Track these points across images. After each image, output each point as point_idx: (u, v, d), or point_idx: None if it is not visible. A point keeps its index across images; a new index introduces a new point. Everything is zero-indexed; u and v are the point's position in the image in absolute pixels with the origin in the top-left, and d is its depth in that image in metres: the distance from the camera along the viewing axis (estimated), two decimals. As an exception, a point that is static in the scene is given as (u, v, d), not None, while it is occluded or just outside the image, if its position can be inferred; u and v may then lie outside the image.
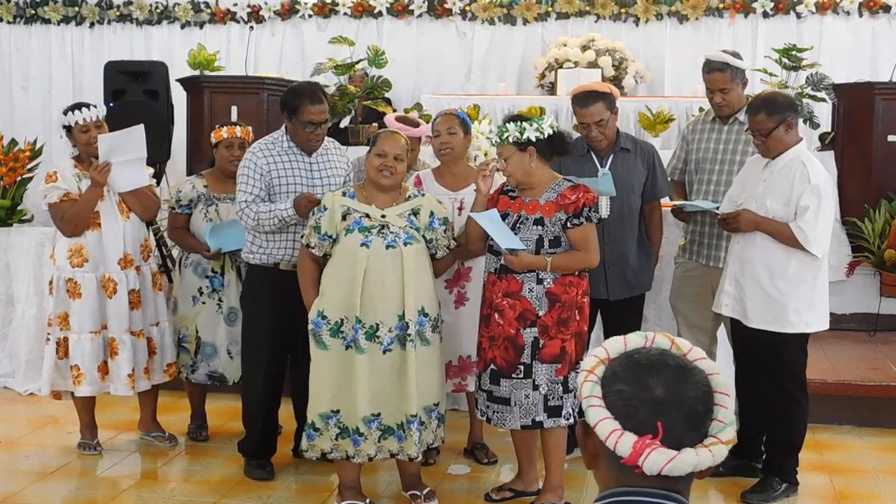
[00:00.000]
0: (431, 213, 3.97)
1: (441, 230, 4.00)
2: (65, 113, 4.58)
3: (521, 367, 3.86)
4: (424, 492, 4.07)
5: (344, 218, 3.86)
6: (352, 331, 3.82)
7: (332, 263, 3.88)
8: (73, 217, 4.49)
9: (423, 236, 3.94)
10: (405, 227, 3.89)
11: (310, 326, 3.88)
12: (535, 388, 3.86)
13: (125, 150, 4.45)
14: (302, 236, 4.00)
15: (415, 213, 3.95)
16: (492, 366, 3.92)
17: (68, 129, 4.56)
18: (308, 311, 3.92)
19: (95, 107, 4.59)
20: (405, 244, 3.86)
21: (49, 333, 4.61)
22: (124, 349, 4.55)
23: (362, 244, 3.81)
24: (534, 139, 3.85)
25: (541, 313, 3.85)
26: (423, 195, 4.05)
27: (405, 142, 3.97)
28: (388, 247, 3.83)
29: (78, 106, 4.58)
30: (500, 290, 3.89)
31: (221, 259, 4.71)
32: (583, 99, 4.38)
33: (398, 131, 4.07)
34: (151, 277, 4.69)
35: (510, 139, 3.85)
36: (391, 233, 3.86)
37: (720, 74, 4.53)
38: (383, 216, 3.88)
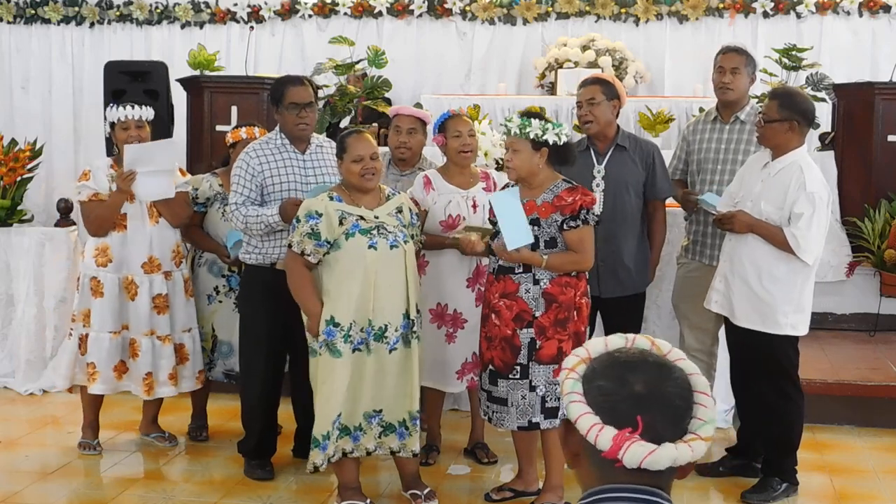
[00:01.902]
0: (409, 210, 4.01)
1: (417, 226, 4.05)
2: (114, 106, 4.54)
3: (518, 368, 3.86)
4: (425, 492, 4.07)
5: (341, 222, 3.84)
6: (362, 334, 3.82)
7: (337, 268, 3.83)
8: (97, 219, 4.51)
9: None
10: (398, 225, 3.90)
11: (321, 337, 3.82)
12: (532, 389, 3.86)
13: (151, 161, 4.43)
14: (290, 245, 3.92)
15: (399, 210, 3.96)
16: (490, 366, 3.93)
17: (112, 124, 4.53)
18: (312, 319, 3.85)
19: (143, 107, 4.54)
20: (405, 242, 3.88)
21: (72, 329, 4.64)
22: (144, 352, 4.55)
23: (370, 246, 3.81)
24: (551, 142, 3.86)
25: (537, 314, 3.85)
26: (398, 193, 4.07)
27: (374, 140, 3.95)
28: (391, 247, 3.84)
29: (124, 102, 4.54)
30: (497, 290, 3.90)
31: (234, 263, 4.71)
32: (584, 81, 4.55)
33: (363, 130, 4.04)
34: (183, 283, 4.67)
35: (530, 135, 3.85)
36: (389, 233, 3.86)
37: (735, 54, 4.59)
38: (376, 217, 3.87)
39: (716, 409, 1.51)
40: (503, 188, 4.10)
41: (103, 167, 4.57)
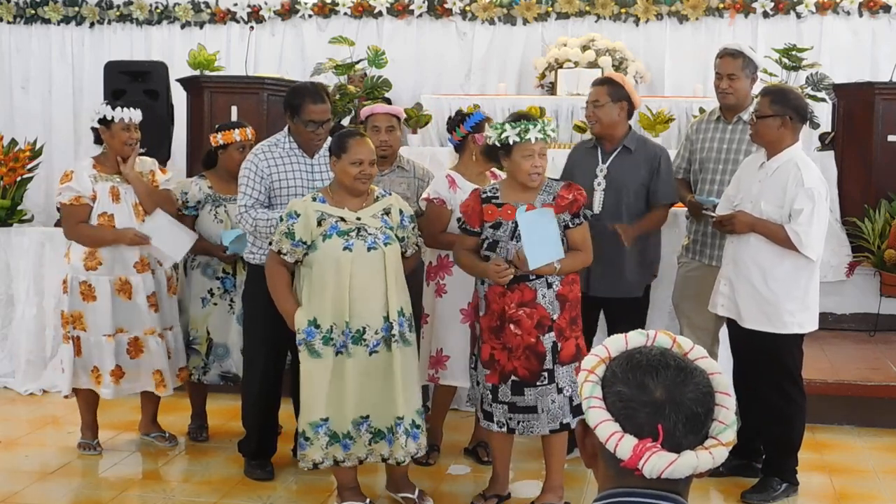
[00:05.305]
0: (401, 212, 3.97)
1: (410, 228, 4.01)
2: (112, 107, 4.51)
3: (545, 374, 3.84)
4: (416, 493, 4.06)
5: (319, 223, 3.82)
6: (341, 336, 3.80)
7: (314, 270, 3.83)
8: (87, 238, 4.50)
9: (396, 235, 3.93)
10: (381, 227, 3.87)
11: (300, 336, 3.83)
12: (560, 391, 3.85)
13: (166, 239, 4.50)
14: (271, 242, 3.93)
15: (386, 212, 3.94)
16: (512, 377, 3.86)
17: (108, 122, 4.50)
18: (286, 317, 3.87)
19: (137, 110, 4.56)
20: (385, 245, 3.85)
21: (67, 332, 4.58)
22: (150, 350, 4.57)
23: (345, 248, 3.79)
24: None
25: (555, 317, 3.84)
26: (390, 194, 4.04)
27: (372, 145, 3.95)
28: (369, 249, 3.81)
29: (124, 104, 4.54)
30: (513, 300, 3.82)
31: (233, 260, 4.71)
32: (593, 81, 4.58)
33: (365, 134, 4.01)
34: (166, 281, 4.68)
35: (557, 138, 3.89)
36: (370, 234, 3.83)
37: (731, 59, 4.57)
38: (358, 219, 3.85)
39: (734, 408, 1.48)
40: (476, 194, 4.05)
41: (86, 167, 4.54)
